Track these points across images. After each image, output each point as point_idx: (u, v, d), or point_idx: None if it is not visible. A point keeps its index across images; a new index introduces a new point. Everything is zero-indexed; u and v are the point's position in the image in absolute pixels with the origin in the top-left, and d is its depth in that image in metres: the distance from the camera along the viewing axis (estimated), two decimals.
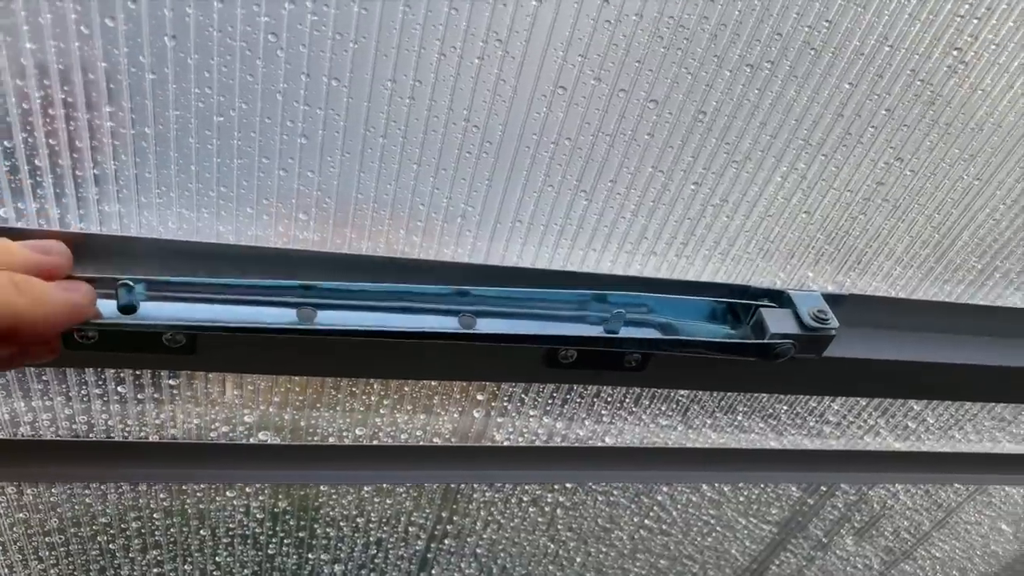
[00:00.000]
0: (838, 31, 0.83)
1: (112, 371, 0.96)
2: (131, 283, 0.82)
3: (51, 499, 1.12)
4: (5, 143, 0.79)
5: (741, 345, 0.99)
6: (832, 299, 1.05)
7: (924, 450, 1.31)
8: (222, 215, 0.89)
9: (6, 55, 0.73)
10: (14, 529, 1.15)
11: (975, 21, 0.85)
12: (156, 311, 0.85)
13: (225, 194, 0.87)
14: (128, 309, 0.83)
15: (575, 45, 0.80)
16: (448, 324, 0.92)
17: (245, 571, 1.30)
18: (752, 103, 0.88)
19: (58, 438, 1.01)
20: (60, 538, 1.17)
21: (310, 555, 1.29)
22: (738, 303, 1.04)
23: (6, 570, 1.20)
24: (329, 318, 0.88)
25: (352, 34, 0.77)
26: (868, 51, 0.85)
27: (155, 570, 1.26)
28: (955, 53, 0.87)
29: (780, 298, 1.03)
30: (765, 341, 0.99)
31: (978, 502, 1.58)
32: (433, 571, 1.40)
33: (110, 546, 1.20)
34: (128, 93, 0.78)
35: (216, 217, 0.89)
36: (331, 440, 1.09)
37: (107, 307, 0.84)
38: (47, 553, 1.19)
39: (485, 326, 0.93)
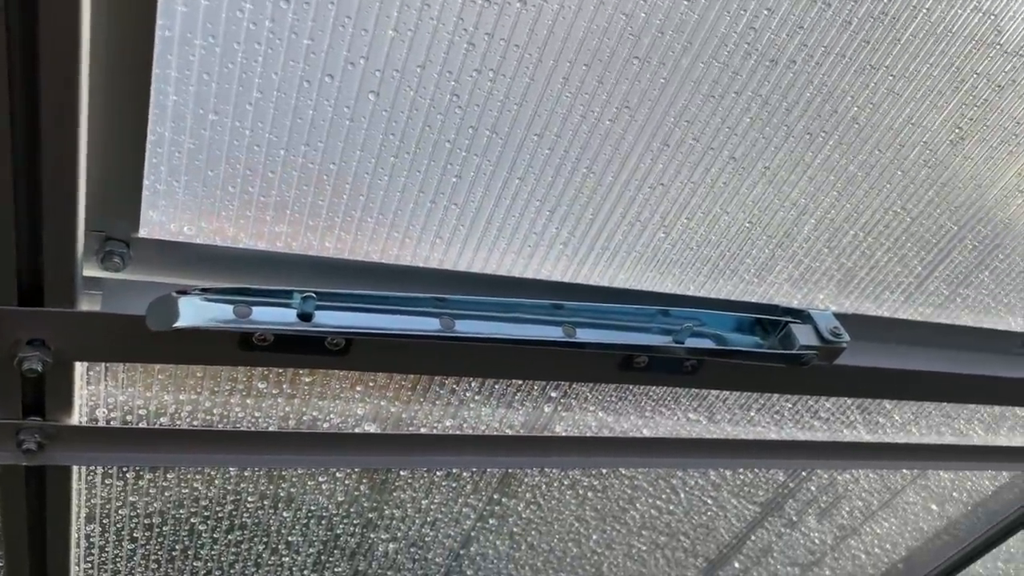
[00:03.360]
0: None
1: (259, 369, 1.09)
2: (313, 294, 0.97)
3: (163, 484, 1.22)
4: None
5: (778, 355, 1.21)
6: (837, 317, 1.29)
7: (887, 441, 1.58)
8: (372, 238, 1.05)
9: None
10: (120, 512, 1.24)
11: None
12: (326, 319, 0.99)
13: (380, 220, 1.03)
14: (306, 317, 0.97)
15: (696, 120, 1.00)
16: (554, 333, 1.10)
17: (311, 550, 1.43)
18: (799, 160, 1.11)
19: (192, 427, 1.13)
20: (158, 519, 1.28)
21: (372, 534, 1.44)
22: (767, 319, 1.26)
23: (97, 550, 1.29)
24: (465, 327, 1.05)
25: (518, 99, 0.94)
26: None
27: (232, 550, 1.38)
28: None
29: (803, 316, 1.26)
30: (795, 351, 1.22)
31: (918, 485, 1.88)
32: (472, 548, 1.57)
33: (200, 527, 1.31)
34: (326, 135, 0.93)
35: (368, 239, 1.05)
36: (423, 430, 1.25)
37: (282, 315, 0.98)
38: (141, 534, 1.29)
39: (583, 335, 1.12)
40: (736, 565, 1.91)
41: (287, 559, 1.45)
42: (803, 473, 1.68)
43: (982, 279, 1.38)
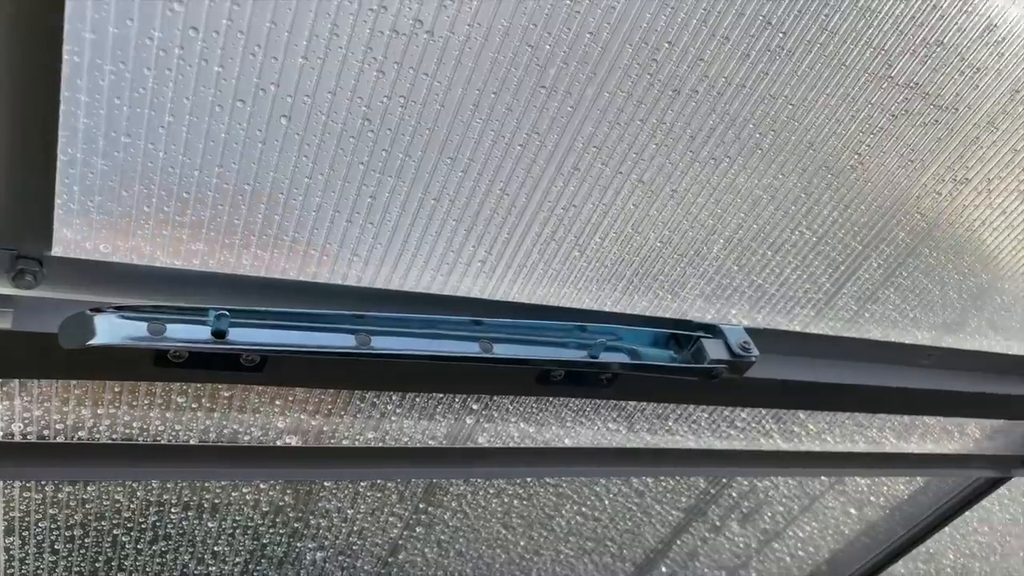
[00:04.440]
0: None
1: (177, 384, 1.10)
2: (226, 312, 0.98)
3: (83, 496, 1.23)
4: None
5: (689, 368, 1.26)
6: (750, 332, 1.34)
7: (803, 449, 1.65)
8: (290, 256, 1.07)
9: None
10: (40, 524, 1.24)
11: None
12: (240, 336, 1.01)
13: (296, 238, 1.05)
14: (220, 334, 0.99)
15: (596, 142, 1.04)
16: (472, 348, 1.13)
17: (238, 559, 1.44)
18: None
19: (111, 441, 1.14)
20: (80, 531, 1.28)
21: (299, 543, 1.45)
22: (680, 333, 1.31)
23: (17, 563, 1.29)
24: (382, 343, 1.07)
25: (429, 124, 0.97)
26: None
27: (157, 560, 1.38)
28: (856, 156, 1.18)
29: (714, 331, 1.31)
30: (706, 365, 1.26)
31: (836, 490, 1.95)
32: (401, 556, 1.59)
33: (123, 538, 1.31)
34: (239, 157, 0.95)
35: (286, 257, 1.07)
36: (344, 442, 1.27)
37: (197, 332, 1.00)
38: (63, 546, 1.29)
39: (501, 351, 1.15)
40: (663, 569, 1.97)
41: (214, 569, 1.46)
42: (723, 480, 1.74)
43: (888, 295, 1.45)
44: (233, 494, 1.32)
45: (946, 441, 1.85)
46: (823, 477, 1.87)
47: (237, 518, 1.37)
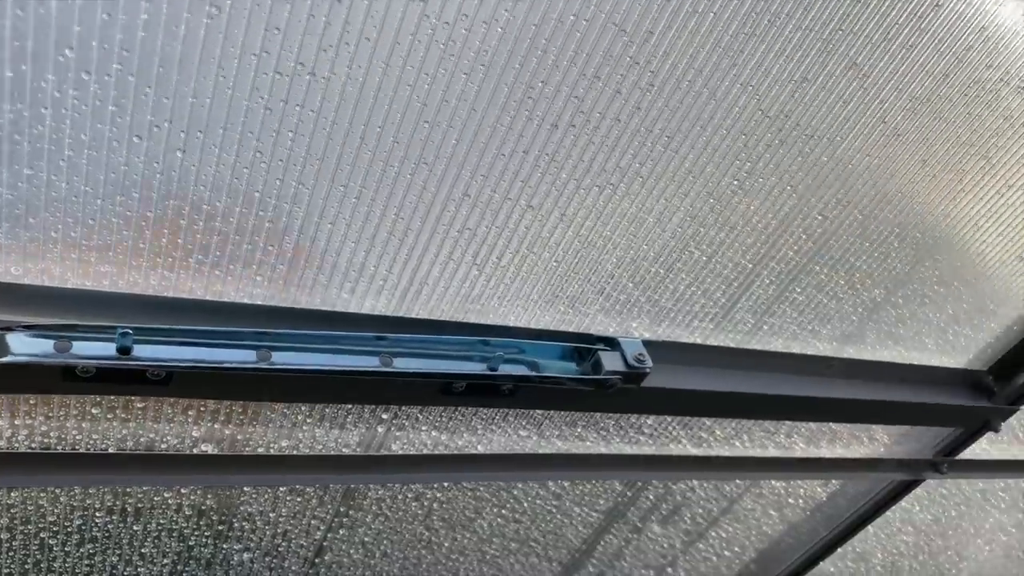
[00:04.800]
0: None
1: (91, 396, 1.17)
2: (130, 330, 1.05)
3: (7, 502, 1.29)
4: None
5: (584, 379, 1.34)
6: (649, 344, 1.42)
7: (713, 454, 1.73)
8: (195, 277, 1.14)
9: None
10: None
11: None
12: (145, 352, 1.08)
13: (200, 260, 1.12)
14: (125, 351, 1.06)
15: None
16: (372, 363, 1.21)
17: (166, 560, 1.51)
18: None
19: (29, 450, 1.21)
20: (7, 535, 1.34)
21: (225, 545, 1.52)
22: (581, 347, 1.39)
23: None
24: (282, 358, 1.15)
25: (319, 155, 1.05)
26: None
27: (85, 562, 1.45)
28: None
29: (613, 344, 1.39)
30: (600, 376, 1.34)
31: (753, 493, 2.03)
32: (327, 557, 1.66)
33: (50, 542, 1.38)
34: (139, 187, 1.02)
35: (192, 278, 1.14)
36: (260, 450, 1.34)
37: (103, 349, 1.07)
38: None
39: (401, 365, 1.22)
40: (591, 569, 2.05)
41: (143, 570, 1.53)
42: (639, 483, 1.82)
43: (784, 309, 1.53)
44: (155, 498, 1.39)
45: (856, 446, 1.93)
46: (737, 480, 1.96)
47: (161, 521, 1.44)
